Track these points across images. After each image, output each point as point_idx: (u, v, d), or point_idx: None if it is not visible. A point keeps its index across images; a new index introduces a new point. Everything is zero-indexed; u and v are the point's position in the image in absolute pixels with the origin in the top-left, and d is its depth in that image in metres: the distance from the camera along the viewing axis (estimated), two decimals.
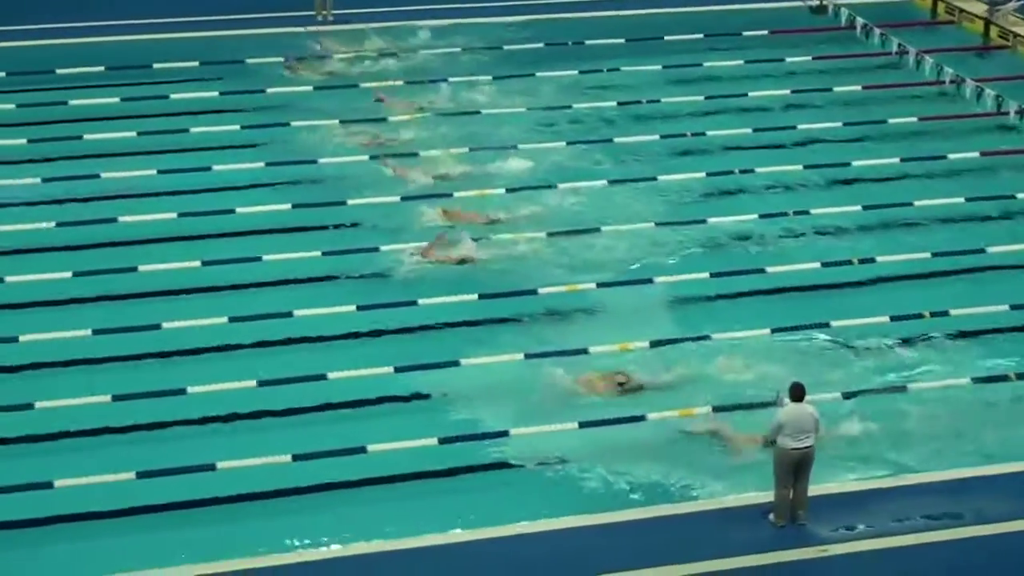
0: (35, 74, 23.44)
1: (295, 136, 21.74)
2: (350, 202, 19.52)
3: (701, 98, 23.46)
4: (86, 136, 21.28)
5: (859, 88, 23.95)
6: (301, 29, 26.19)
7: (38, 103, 22.40)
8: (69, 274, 17.33)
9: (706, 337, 16.38)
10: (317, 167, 20.73)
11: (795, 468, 13.13)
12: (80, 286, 17.16)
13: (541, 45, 25.45)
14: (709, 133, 22.11)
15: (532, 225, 19.11)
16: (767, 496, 13.38)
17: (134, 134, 21.37)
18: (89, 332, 16.16)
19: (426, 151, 21.20)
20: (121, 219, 18.77)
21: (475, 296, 17.17)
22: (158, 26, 25.73)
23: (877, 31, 26.04)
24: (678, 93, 23.67)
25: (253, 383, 15.17)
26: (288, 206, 19.30)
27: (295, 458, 13.91)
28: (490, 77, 24.08)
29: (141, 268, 17.59)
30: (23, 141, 21.14)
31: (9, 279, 17.31)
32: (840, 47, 25.87)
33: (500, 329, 16.70)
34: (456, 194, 19.81)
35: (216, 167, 20.31)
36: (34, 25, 25.66)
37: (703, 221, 19.28)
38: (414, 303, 16.83)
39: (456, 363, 15.64)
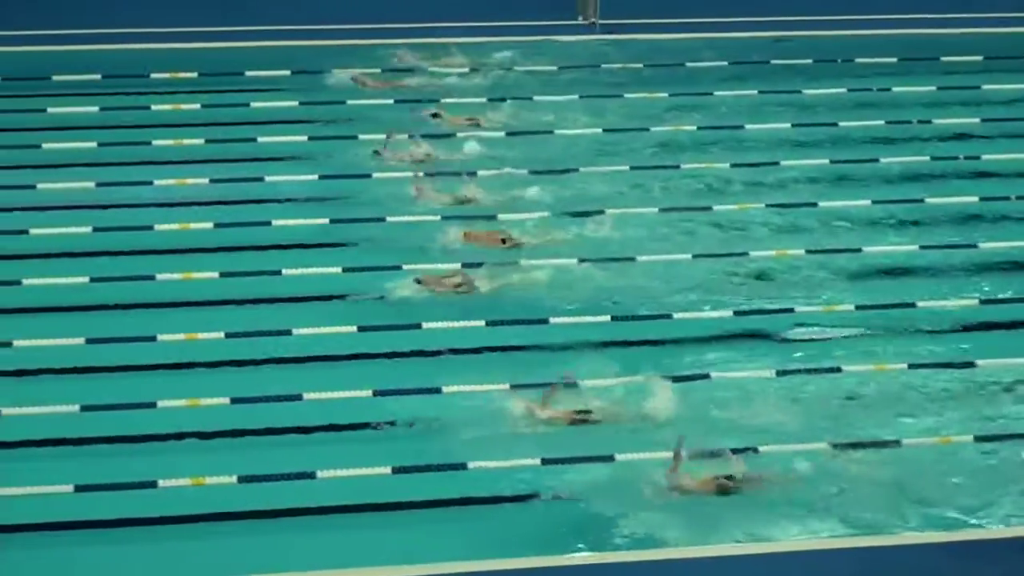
0: (308, 74, 24.34)
1: None
2: None
3: (977, 120, 22.74)
4: (361, 136, 21.95)
5: None
6: (570, 38, 26.53)
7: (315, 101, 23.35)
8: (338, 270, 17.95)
9: (970, 364, 15.86)
10: None
11: None
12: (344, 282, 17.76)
13: (809, 61, 25.16)
14: (984, 157, 21.43)
15: (776, 242, 18.84)
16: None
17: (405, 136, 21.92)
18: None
19: (692, 163, 21.20)
20: (389, 219, 19.31)
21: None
22: (433, 31, 26.43)
23: None
24: (952, 115, 22.99)
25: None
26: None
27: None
28: (755, 91, 23.96)
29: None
30: (304, 138, 21.97)
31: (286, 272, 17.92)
32: None
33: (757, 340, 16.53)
34: (730, 206, 19.72)
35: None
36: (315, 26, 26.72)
37: (974, 246, 18.70)
38: None
39: None
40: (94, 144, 21.29)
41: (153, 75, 23.98)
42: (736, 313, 17.09)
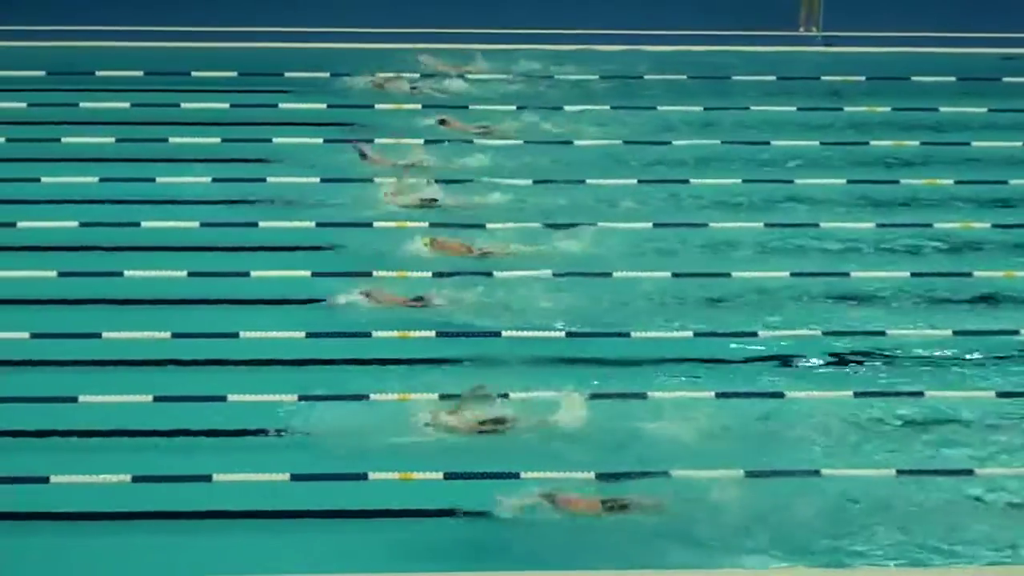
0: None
1: None
2: None
3: None
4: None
5: None
6: (790, 48, 26.20)
7: None
8: None
9: None
10: None
11: None
12: None
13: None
14: None
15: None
16: None
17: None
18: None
19: (913, 178, 20.66)
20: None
21: None
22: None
23: None
24: None
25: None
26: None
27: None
28: (984, 109, 23.22)
29: None
30: None
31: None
32: None
33: None
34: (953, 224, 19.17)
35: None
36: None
37: None
38: None
39: None
40: (320, 140, 21.88)
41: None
42: (956, 333, 16.63)
